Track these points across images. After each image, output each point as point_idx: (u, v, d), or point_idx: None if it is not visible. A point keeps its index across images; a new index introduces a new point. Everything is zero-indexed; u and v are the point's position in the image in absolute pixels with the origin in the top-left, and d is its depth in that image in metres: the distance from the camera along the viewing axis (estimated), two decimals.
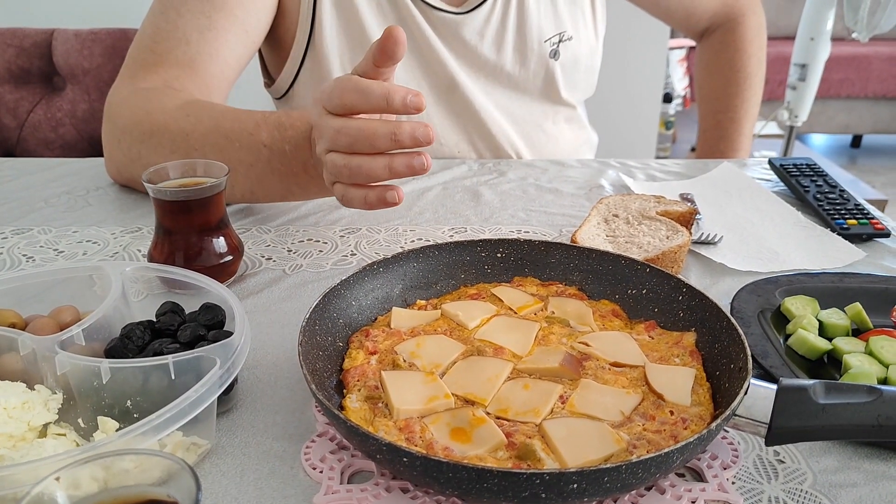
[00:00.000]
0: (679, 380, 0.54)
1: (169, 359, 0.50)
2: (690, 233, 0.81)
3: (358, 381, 0.55)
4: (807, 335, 0.62)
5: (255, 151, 0.80)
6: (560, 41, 1.11)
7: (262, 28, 0.99)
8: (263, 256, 0.82)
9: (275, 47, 1.08)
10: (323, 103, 0.67)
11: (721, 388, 0.53)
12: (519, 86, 1.13)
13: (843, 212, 0.90)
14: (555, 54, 1.11)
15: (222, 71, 0.93)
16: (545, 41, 1.10)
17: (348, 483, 0.49)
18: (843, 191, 0.95)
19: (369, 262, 0.65)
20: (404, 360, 0.57)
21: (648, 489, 0.48)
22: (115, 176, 0.99)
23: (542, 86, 1.14)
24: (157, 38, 0.92)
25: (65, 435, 0.49)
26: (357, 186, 0.68)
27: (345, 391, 0.54)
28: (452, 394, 0.53)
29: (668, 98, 2.92)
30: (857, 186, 2.51)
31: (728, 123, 1.28)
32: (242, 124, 0.81)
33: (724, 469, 0.50)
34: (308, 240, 0.86)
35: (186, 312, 0.59)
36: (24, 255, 0.82)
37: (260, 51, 1.12)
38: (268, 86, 1.15)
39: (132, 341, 0.55)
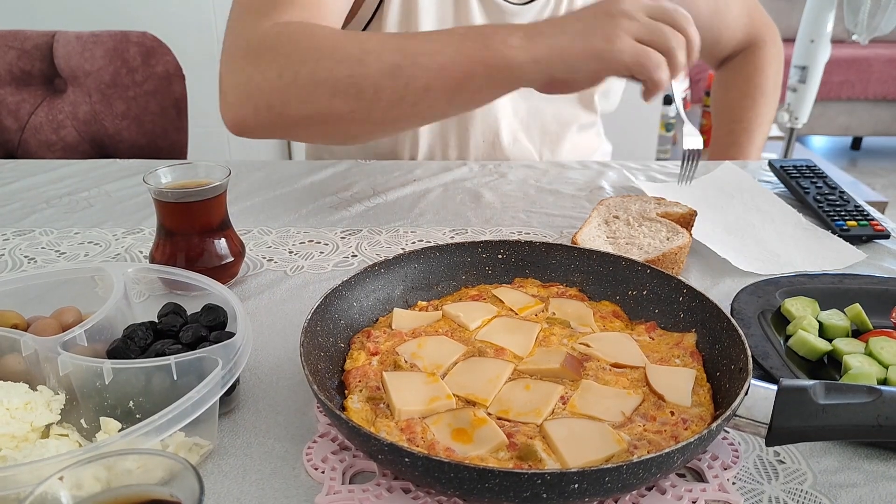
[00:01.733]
0: (679, 381, 0.55)
1: (171, 359, 0.50)
2: (691, 234, 0.81)
3: (359, 381, 0.55)
4: (807, 336, 0.63)
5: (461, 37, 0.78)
6: None
7: None
8: (265, 258, 0.82)
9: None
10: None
11: (721, 388, 0.54)
12: None
13: (843, 213, 0.90)
14: None
15: (338, 20, 0.92)
16: None
17: (350, 483, 0.49)
18: (843, 192, 0.95)
19: (370, 263, 0.65)
20: (405, 361, 0.57)
21: (649, 489, 0.48)
22: (255, 114, 0.80)
23: None
24: None
25: (67, 435, 0.49)
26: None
27: (346, 392, 0.55)
28: (454, 394, 0.53)
29: (668, 100, 2.92)
30: (858, 188, 2.50)
31: (741, 132, 1.30)
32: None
33: (725, 469, 0.50)
34: (309, 241, 0.86)
35: (188, 313, 0.59)
36: (26, 257, 0.82)
37: None
38: None
39: (134, 342, 0.55)
